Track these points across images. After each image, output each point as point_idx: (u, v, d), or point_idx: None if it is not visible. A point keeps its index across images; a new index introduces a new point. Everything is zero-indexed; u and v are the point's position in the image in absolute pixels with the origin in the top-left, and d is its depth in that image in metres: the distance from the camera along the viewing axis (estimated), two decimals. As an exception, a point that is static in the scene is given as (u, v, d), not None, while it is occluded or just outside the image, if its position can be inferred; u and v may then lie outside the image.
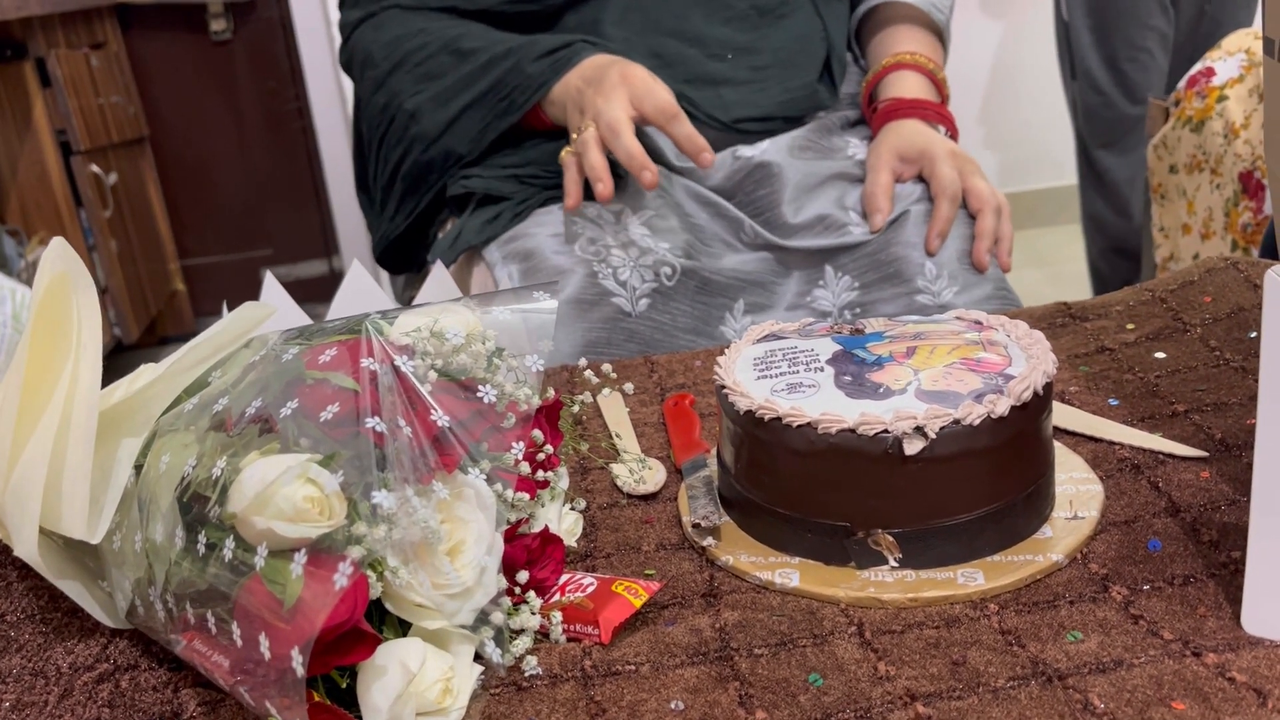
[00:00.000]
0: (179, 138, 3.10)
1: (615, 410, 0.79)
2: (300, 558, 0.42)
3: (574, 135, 0.96)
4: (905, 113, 1.05)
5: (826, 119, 1.11)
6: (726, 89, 1.06)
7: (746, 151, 1.05)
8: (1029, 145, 3.29)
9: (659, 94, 0.93)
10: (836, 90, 1.11)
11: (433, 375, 0.49)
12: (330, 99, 3.01)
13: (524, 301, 0.55)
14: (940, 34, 1.13)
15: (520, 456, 0.52)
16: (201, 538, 0.45)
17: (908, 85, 1.07)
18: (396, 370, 0.47)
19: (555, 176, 1.02)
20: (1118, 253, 2.24)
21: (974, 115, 3.28)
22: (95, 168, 2.60)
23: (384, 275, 1.31)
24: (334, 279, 3.12)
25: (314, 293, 2.97)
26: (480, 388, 0.50)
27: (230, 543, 0.44)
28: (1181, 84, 1.80)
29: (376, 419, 0.45)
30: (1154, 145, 1.83)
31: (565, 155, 0.97)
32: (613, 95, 0.93)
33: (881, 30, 1.13)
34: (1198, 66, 1.78)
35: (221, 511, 0.45)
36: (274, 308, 0.57)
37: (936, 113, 1.06)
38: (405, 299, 1.31)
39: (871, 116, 1.09)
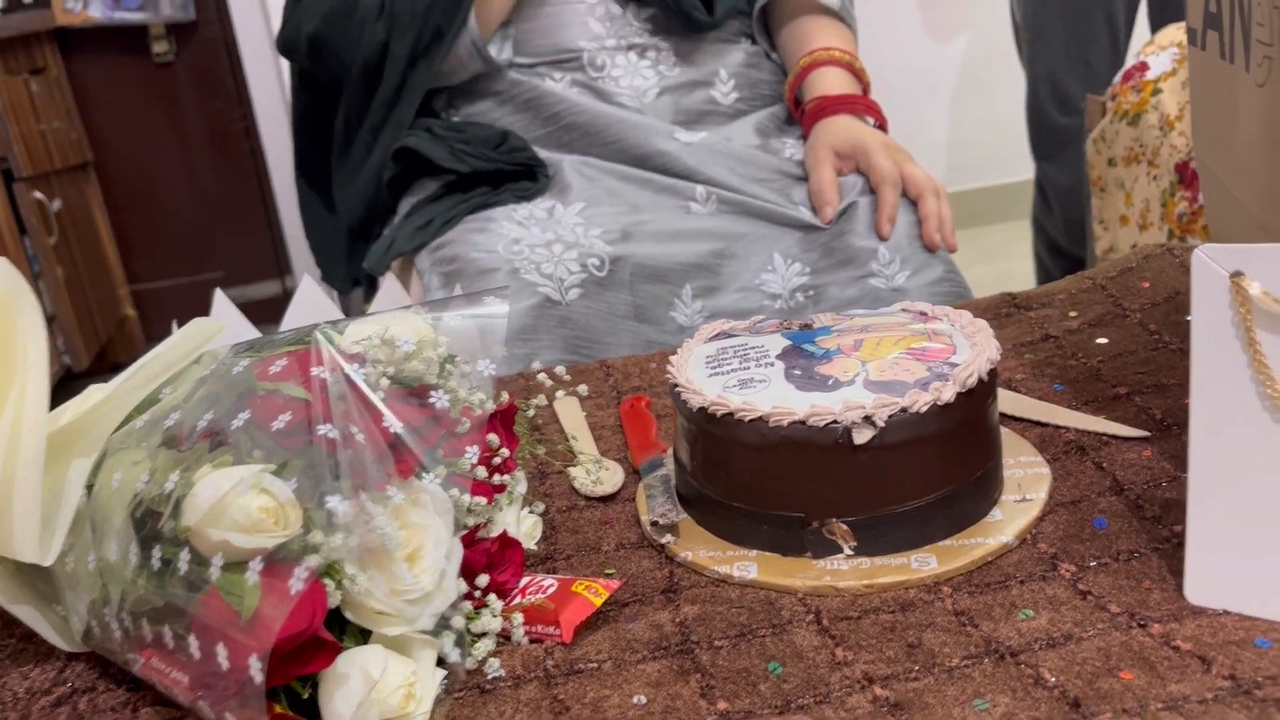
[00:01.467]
0: (124, 161, 3.06)
1: (572, 414, 0.79)
2: (256, 565, 0.42)
3: None
4: (833, 109, 1.07)
5: (760, 121, 1.12)
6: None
7: (686, 137, 1.07)
8: (977, 145, 3.34)
9: None
10: (712, 10, 1.11)
11: (385, 382, 0.50)
12: (277, 117, 2.99)
13: (475, 307, 0.55)
14: (846, 21, 1.15)
15: (475, 461, 0.52)
16: (156, 553, 0.45)
17: (831, 81, 1.09)
18: (348, 378, 0.47)
19: (489, 161, 1.03)
20: (1060, 252, 2.28)
21: (925, 115, 3.33)
22: (38, 194, 2.56)
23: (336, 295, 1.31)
24: (287, 299, 3.07)
25: (268, 313, 2.94)
26: (433, 393, 0.50)
27: (185, 556, 0.44)
28: (1117, 79, 1.84)
29: (328, 426, 0.45)
30: (1092, 139, 1.87)
31: None
32: None
33: (790, 23, 1.14)
34: (1132, 61, 1.82)
35: (176, 526, 0.45)
36: (223, 323, 0.57)
37: (864, 105, 1.08)
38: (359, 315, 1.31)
39: (800, 117, 1.11)
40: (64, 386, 2.63)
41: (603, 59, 1.08)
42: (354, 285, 1.22)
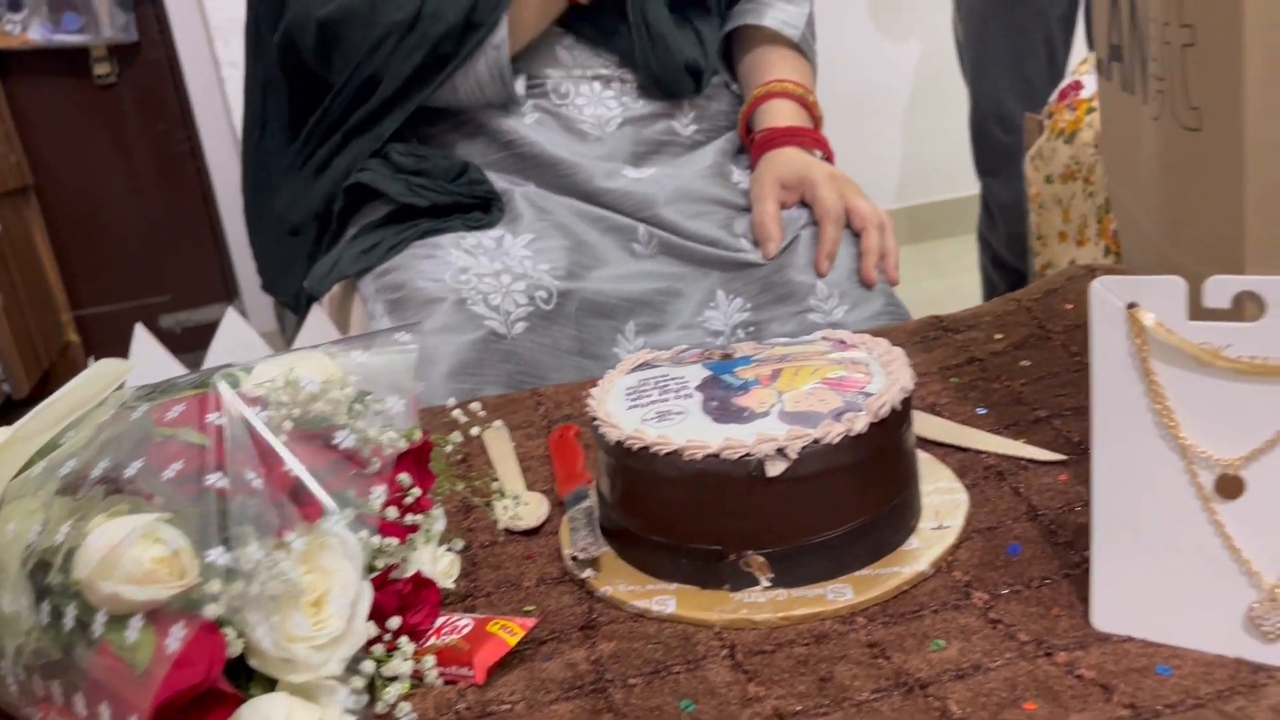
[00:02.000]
0: (66, 185, 3.01)
1: (499, 445, 0.79)
2: (136, 622, 0.42)
3: None
4: (781, 141, 1.07)
5: (713, 150, 1.12)
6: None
7: (632, 173, 1.07)
8: (931, 159, 3.38)
9: None
10: (699, 87, 1.12)
11: (288, 425, 0.49)
12: (223, 138, 2.96)
13: (384, 344, 0.55)
14: (806, 54, 1.16)
15: (385, 501, 0.52)
16: (45, 606, 0.44)
17: (781, 114, 1.09)
18: (246, 422, 0.47)
19: (445, 194, 1.02)
20: (1004, 266, 2.31)
21: (878, 130, 3.36)
22: (-24, 219, 2.51)
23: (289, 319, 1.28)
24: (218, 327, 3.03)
25: (213, 338, 2.90)
26: (337, 434, 0.50)
27: (73, 611, 0.43)
28: (1053, 97, 1.87)
29: (219, 474, 0.44)
30: (1030, 157, 1.89)
31: None
32: None
33: (750, 53, 1.15)
34: (1067, 80, 1.85)
35: (66, 579, 0.44)
36: (130, 365, 0.56)
37: (812, 139, 1.09)
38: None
39: (749, 147, 1.11)
40: (4, 414, 2.57)
41: (567, 87, 1.08)
42: (296, 301, 1.21)
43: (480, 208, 1.05)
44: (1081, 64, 1.88)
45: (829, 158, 1.10)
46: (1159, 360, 0.48)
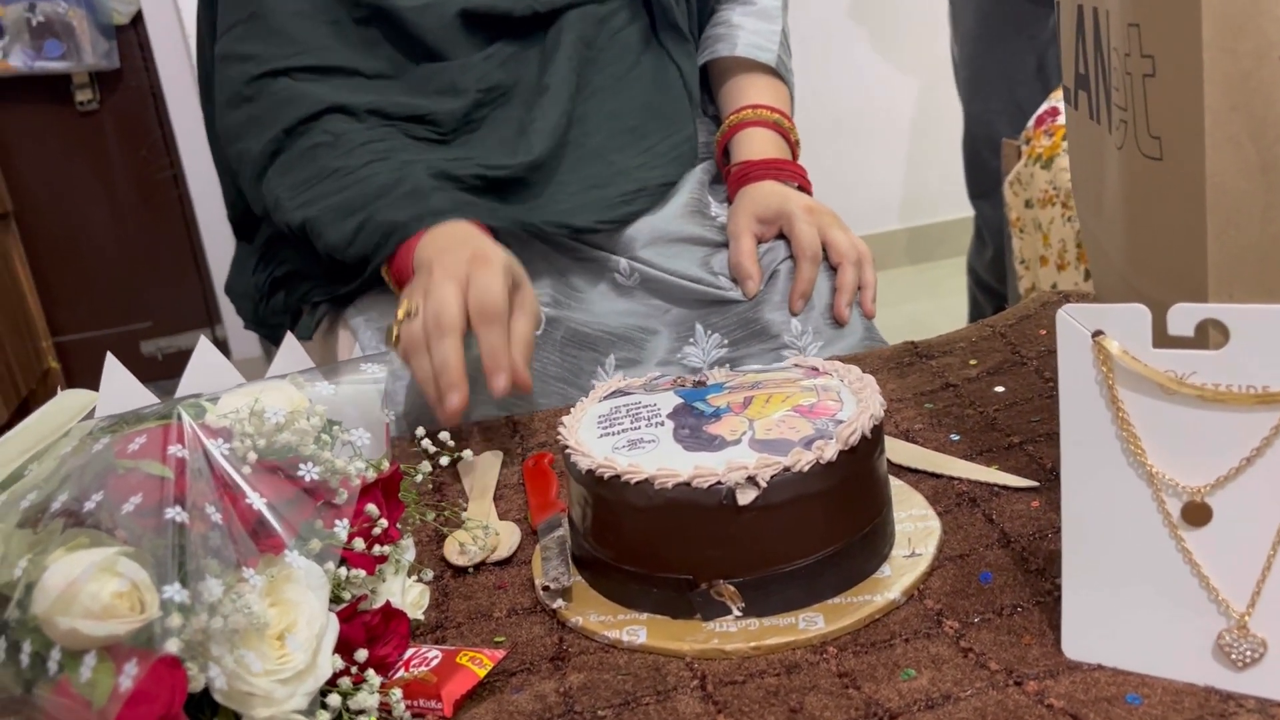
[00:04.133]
0: (47, 211, 3.00)
1: (470, 474, 0.79)
2: (90, 659, 0.41)
3: (401, 308, 0.82)
4: (758, 175, 1.07)
5: (691, 183, 1.12)
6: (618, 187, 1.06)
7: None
8: (929, 180, 3.40)
9: (491, 292, 0.79)
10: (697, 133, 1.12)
11: (252, 456, 0.49)
12: (205, 165, 2.95)
13: (352, 374, 0.55)
14: (781, 76, 1.16)
15: (351, 532, 0.51)
16: (2, 642, 0.44)
17: (757, 144, 1.09)
18: (207, 455, 0.46)
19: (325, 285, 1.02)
20: (990, 290, 2.33)
21: (876, 150, 3.38)
22: (-46, 246, 2.50)
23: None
24: (218, 348, 3.03)
25: (196, 364, 2.89)
26: (301, 466, 0.49)
27: (29, 646, 0.43)
28: (1030, 123, 1.89)
29: (178, 508, 0.44)
30: (1009, 182, 1.91)
31: (401, 338, 0.81)
32: (447, 281, 0.79)
33: (726, 81, 1.16)
34: (1044, 106, 1.87)
35: (24, 614, 0.43)
36: (95, 396, 0.56)
37: (789, 171, 1.09)
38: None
39: (726, 178, 1.12)
40: (-18, 443, 2.55)
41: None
42: (274, 334, 1.20)
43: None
44: (1058, 89, 1.90)
45: (806, 188, 1.11)
46: (1125, 388, 0.48)
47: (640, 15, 1.12)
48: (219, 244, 3.01)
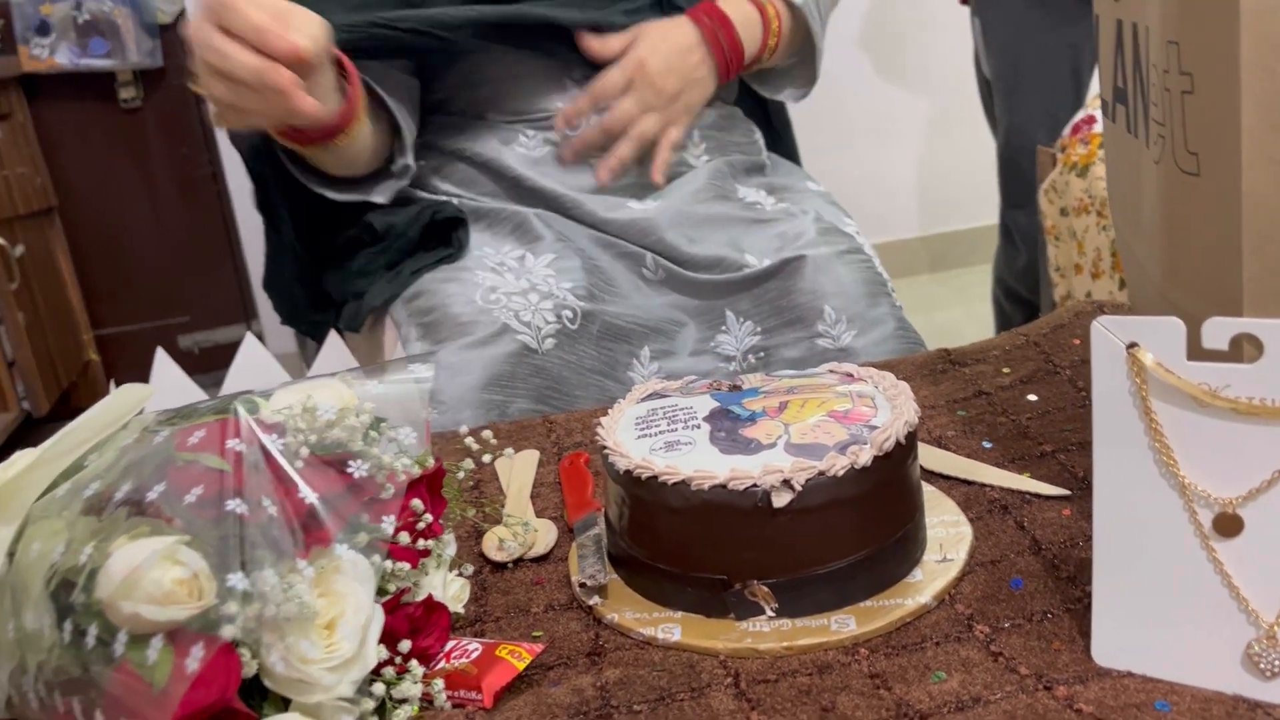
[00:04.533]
0: (90, 207, 3.06)
1: (506, 471, 0.80)
2: (157, 642, 0.43)
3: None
4: (692, 16, 1.05)
5: (718, 167, 1.12)
6: None
7: (635, 205, 1.08)
8: (952, 188, 3.40)
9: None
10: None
11: (304, 451, 0.50)
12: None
13: (399, 373, 0.56)
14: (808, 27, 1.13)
15: (398, 526, 0.53)
16: (68, 625, 0.46)
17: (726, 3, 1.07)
18: (263, 449, 0.48)
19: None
20: (1019, 299, 2.32)
21: (897, 158, 3.38)
22: (0, 240, 2.55)
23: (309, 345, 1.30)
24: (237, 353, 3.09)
25: (232, 358, 2.93)
26: (352, 462, 0.51)
27: (96, 629, 0.44)
28: (1066, 131, 1.88)
29: (238, 500, 0.45)
30: (1044, 190, 1.91)
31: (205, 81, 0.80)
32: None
33: None
34: (1080, 114, 1.87)
35: (89, 598, 0.45)
36: (152, 390, 0.58)
37: (713, 17, 1.05)
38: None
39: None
40: (24, 432, 2.60)
41: (576, 121, 1.08)
42: (313, 329, 1.22)
43: (441, 240, 1.06)
44: (1095, 98, 1.89)
45: (723, 66, 1.07)
46: (1158, 399, 0.49)
47: None
48: (256, 240, 3.04)
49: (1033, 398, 0.82)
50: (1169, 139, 0.53)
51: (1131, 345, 0.49)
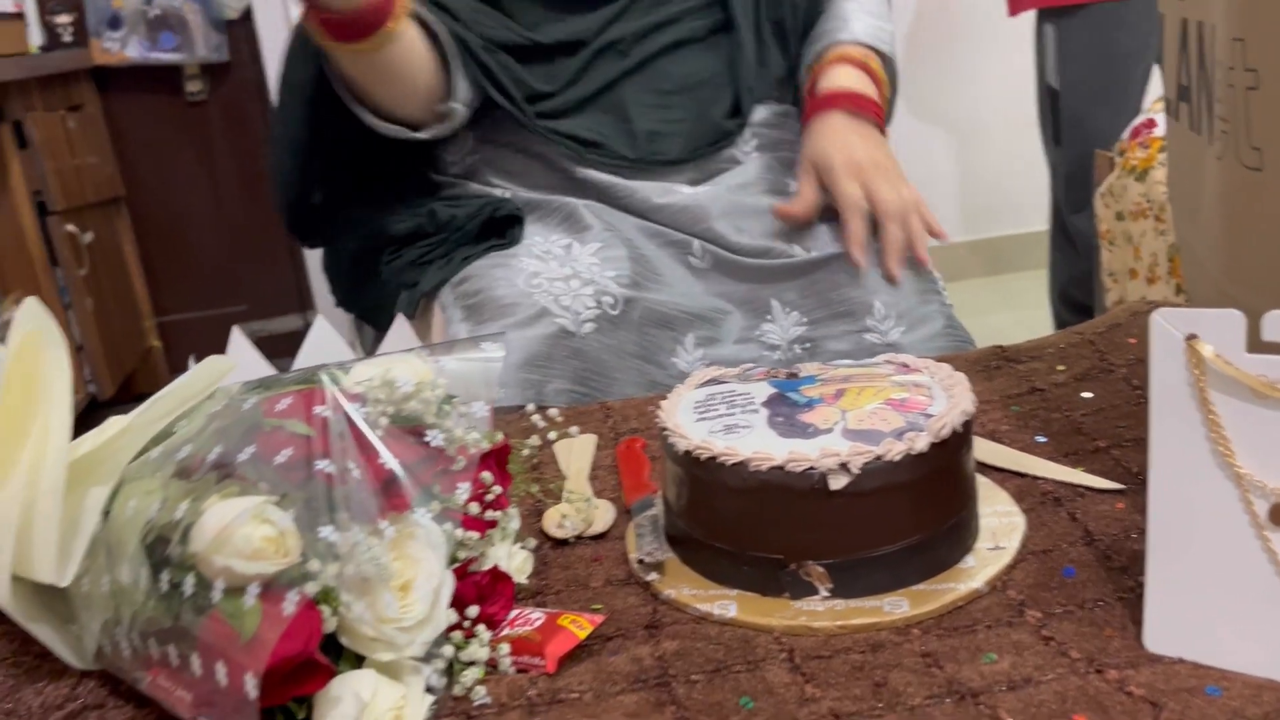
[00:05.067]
0: (155, 196, 3.14)
1: (565, 453, 0.82)
2: (254, 589, 0.45)
3: None
4: (825, 106, 1.06)
5: (769, 161, 1.14)
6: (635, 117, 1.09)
7: (686, 189, 1.09)
8: (1001, 193, 3.38)
9: None
10: (745, 119, 1.13)
11: (384, 421, 0.53)
12: (305, 157, 3.05)
13: (472, 351, 0.58)
14: (887, 61, 1.15)
15: (468, 497, 0.55)
16: (165, 577, 0.48)
17: (838, 78, 1.08)
18: (348, 417, 0.50)
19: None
20: (1074, 304, 2.30)
21: (948, 164, 3.37)
22: (71, 227, 2.63)
23: (366, 331, 1.34)
24: (308, 333, 3.13)
25: (288, 347, 2.98)
26: (429, 432, 0.53)
27: (191, 581, 0.47)
28: (1125, 134, 1.87)
29: (326, 461, 0.48)
30: (1101, 194, 1.89)
31: None
32: None
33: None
34: (1140, 118, 1.85)
35: (183, 552, 0.48)
36: (235, 362, 0.61)
37: (862, 103, 1.06)
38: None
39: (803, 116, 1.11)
40: (89, 415, 2.68)
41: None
42: (367, 314, 1.26)
43: (496, 233, 1.08)
44: (1156, 102, 1.88)
45: (881, 123, 1.08)
46: (1216, 391, 0.50)
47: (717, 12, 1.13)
48: (315, 233, 3.10)
49: (1087, 395, 0.82)
50: (1233, 135, 0.53)
51: (1190, 336, 0.50)
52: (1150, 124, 1.81)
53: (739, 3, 1.13)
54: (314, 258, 3.15)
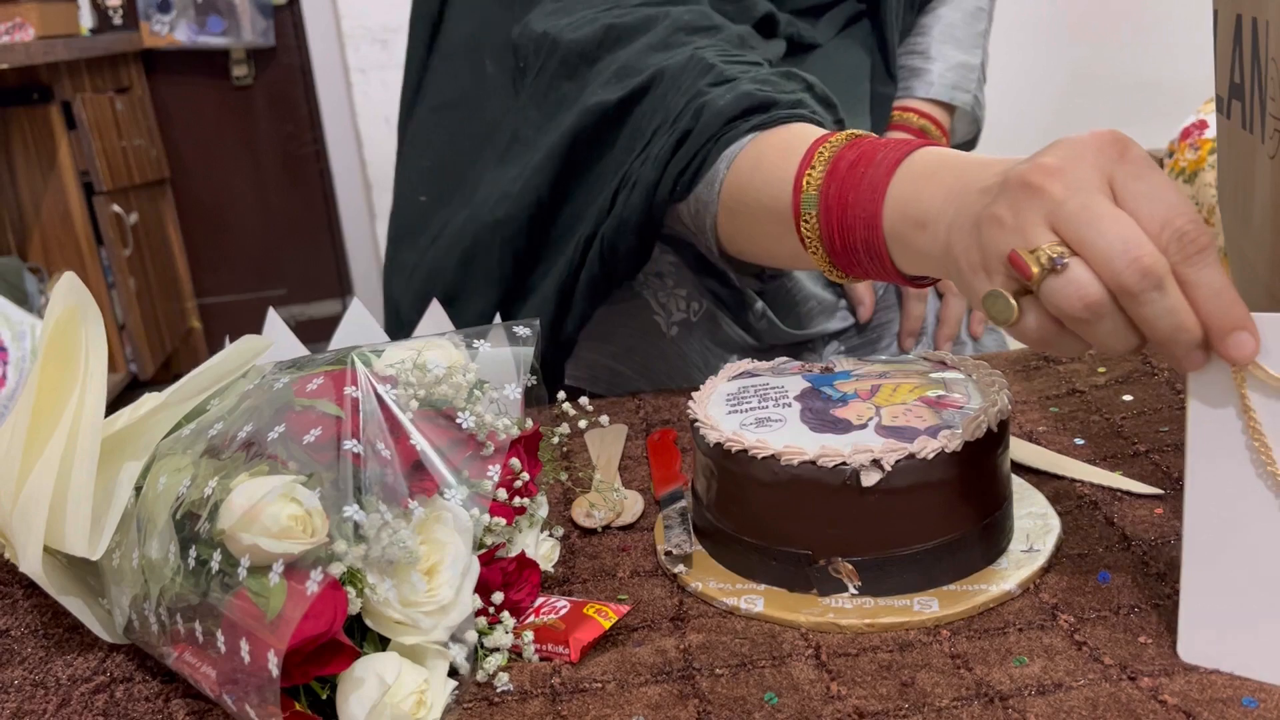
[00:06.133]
0: (199, 179, 3.18)
1: (596, 443, 0.82)
2: (278, 567, 0.45)
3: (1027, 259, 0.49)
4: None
5: None
6: None
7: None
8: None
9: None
10: None
11: (414, 404, 0.53)
12: (347, 143, 3.08)
13: (504, 336, 0.58)
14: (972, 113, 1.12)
15: (497, 483, 0.55)
16: (192, 553, 0.49)
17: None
18: (379, 398, 0.50)
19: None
20: None
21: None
22: (116, 208, 2.67)
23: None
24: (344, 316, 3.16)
25: (326, 331, 3.02)
26: (459, 416, 0.53)
27: (218, 557, 0.47)
28: (1175, 135, 1.83)
29: (355, 441, 0.48)
30: (1148, 195, 1.86)
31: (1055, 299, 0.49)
32: (1099, 197, 0.48)
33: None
34: (1191, 119, 1.82)
35: (212, 529, 0.48)
36: (270, 341, 0.61)
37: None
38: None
39: None
40: (129, 393, 2.72)
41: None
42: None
43: None
44: (1206, 103, 1.84)
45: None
46: (1257, 395, 0.48)
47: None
48: (355, 218, 3.13)
49: (1128, 398, 0.81)
50: (1286, 133, 0.52)
51: (1236, 340, 0.48)
52: (1202, 125, 1.78)
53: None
54: (354, 244, 3.17)
